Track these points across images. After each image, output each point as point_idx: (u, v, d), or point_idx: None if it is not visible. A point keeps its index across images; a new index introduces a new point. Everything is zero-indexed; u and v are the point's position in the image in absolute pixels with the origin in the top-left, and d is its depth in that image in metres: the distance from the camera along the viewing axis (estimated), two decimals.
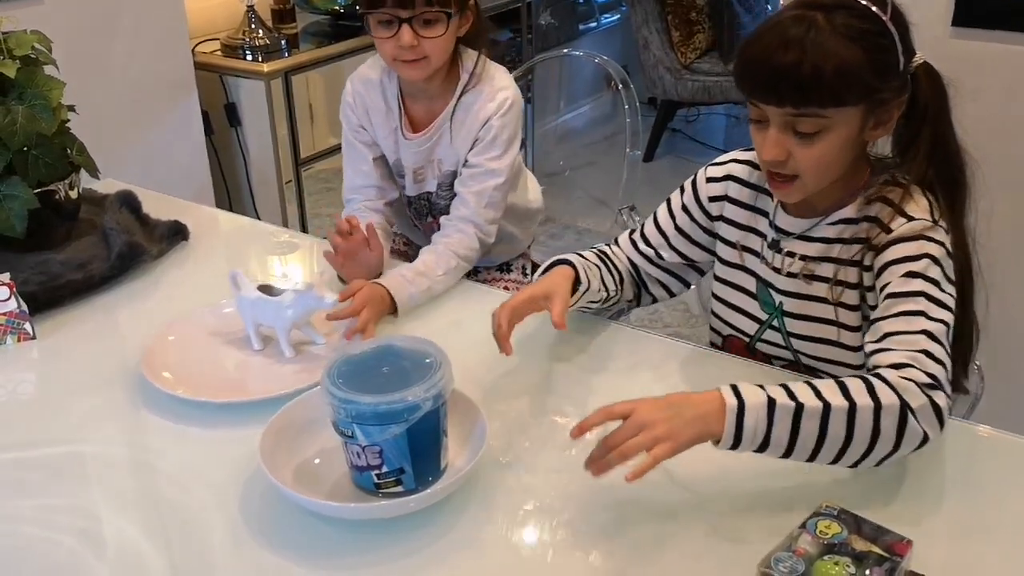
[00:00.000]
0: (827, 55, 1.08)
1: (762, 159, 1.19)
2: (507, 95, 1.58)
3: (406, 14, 1.46)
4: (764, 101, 1.13)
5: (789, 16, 1.11)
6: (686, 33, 4.35)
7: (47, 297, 1.50)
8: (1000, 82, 1.92)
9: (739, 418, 1.00)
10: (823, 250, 1.24)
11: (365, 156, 1.67)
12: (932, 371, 1.04)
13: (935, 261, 1.13)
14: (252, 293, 1.34)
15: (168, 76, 2.59)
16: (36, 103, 1.52)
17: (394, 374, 1.05)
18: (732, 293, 1.37)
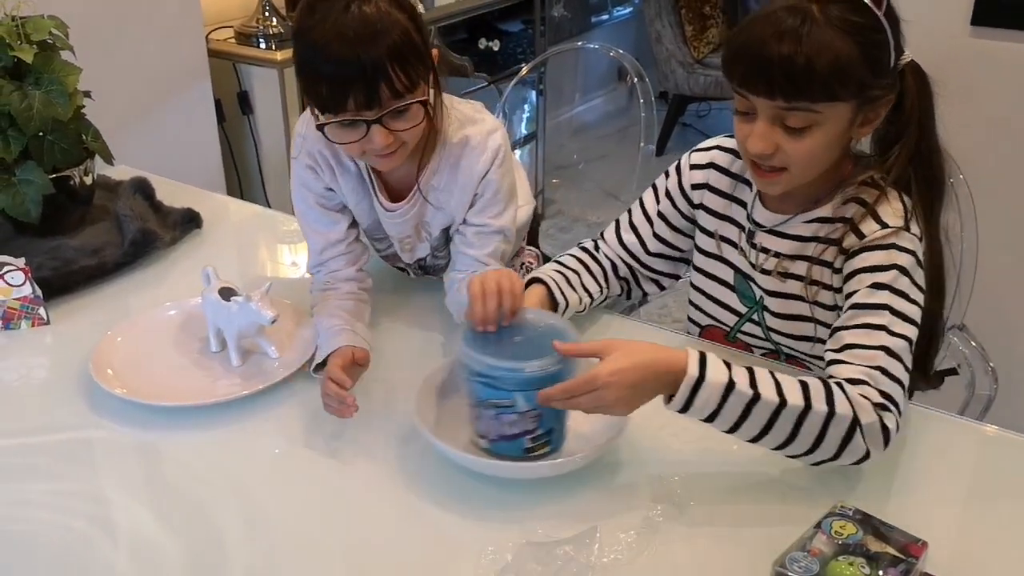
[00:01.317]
0: (822, 48, 1.06)
1: (747, 151, 1.16)
2: (497, 141, 1.33)
3: (373, 115, 1.18)
4: (754, 92, 1.11)
5: (783, 6, 1.09)
6: (699, 27, 4.34)
7: (61, 283, 1.51)
8: (1020, 81, 1.91)
9: (693, 391, 1.02)
10: (797, 248, 1.23)
11: (336, 221, 1.38)
12: (886, 389, 1.05)
13: (903, 272, 1.12)
14: (213, 294, 1.30)
15: (182, 64, 2.58)
16: (52, 88, 1.52)
17: (526, 343, 1.10)
18: (710, 284, 1.36)
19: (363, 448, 1.18)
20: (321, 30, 1.14)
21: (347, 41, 1.13)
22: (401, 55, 1.15)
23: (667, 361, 1.03)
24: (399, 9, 1.17)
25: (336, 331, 1.26)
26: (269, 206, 2.88)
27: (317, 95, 1.18)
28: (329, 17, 1.14)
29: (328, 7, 1.15)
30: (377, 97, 1.16)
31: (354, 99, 1.15)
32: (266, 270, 1.74)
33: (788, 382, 1.04)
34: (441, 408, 1.19)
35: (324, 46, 1.13)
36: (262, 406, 1.24)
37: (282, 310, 1.33)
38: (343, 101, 1.15)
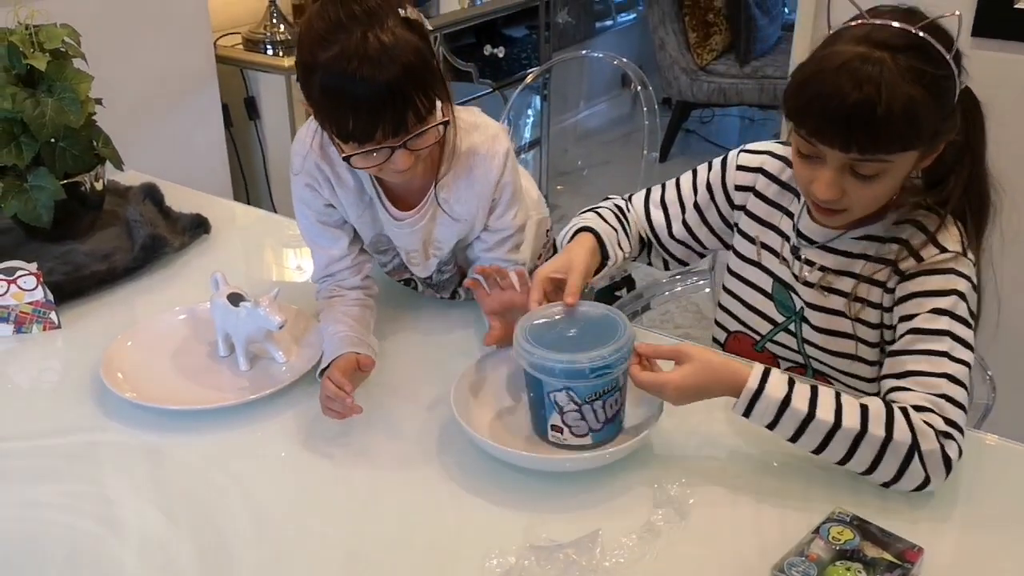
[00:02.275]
0: (899, 102, 1.03)
1: (813, 195, 1.15)
2: (504, 144, 1.33)
3: (398, 141, 1.18)
4: (827, 144, 1.08)
5: (856, 54, 1.05)
6: (703, 35, 4.36)
7: (72, 287, 1.53)
8: (1020, 90, 1.92)
9: (751, 402, 1.08)
10: (844, 263, 1.23)
11: (338, 238, 1.39)
12: (951, 416, 1.07)
13: (962, 297, 1.13)
14: (222, 299, 1.32)
15: (190, 69, 2.61)
16: (65, 96, 1.55)
17: (587, 331, 1.13)
18: (746, 290, 1.36)
19: (368, 452, 1.20)
20: (342, 63, 1.11)
21: (372, 74, 1.11)
22: (421, 79, 1.15)
23: (734, 374, 1.09)
24: (410, 31, 1.16)
25: (341, 337, 1.28)
26: (275, 210, 2.90)
27: (343, 127, 1.16)
28: (349, 50, 1.11)
29: (346, 38, 1.12)
30: (404, 125, 1.16)
31: (383, 130, 1.15)
32: (273, 275, 1.76)
33: (850, 405, 1.07)
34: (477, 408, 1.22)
35: (349, 81, 1.11)
36: (269, 410, 1.26)
37: (290, 315, 1.36)
38: (372, 133, 1.15)
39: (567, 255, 1.25)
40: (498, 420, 1.21)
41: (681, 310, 3.35)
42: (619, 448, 1.12)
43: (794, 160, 1.17)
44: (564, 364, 1.08)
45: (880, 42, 1.06)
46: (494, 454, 1.14)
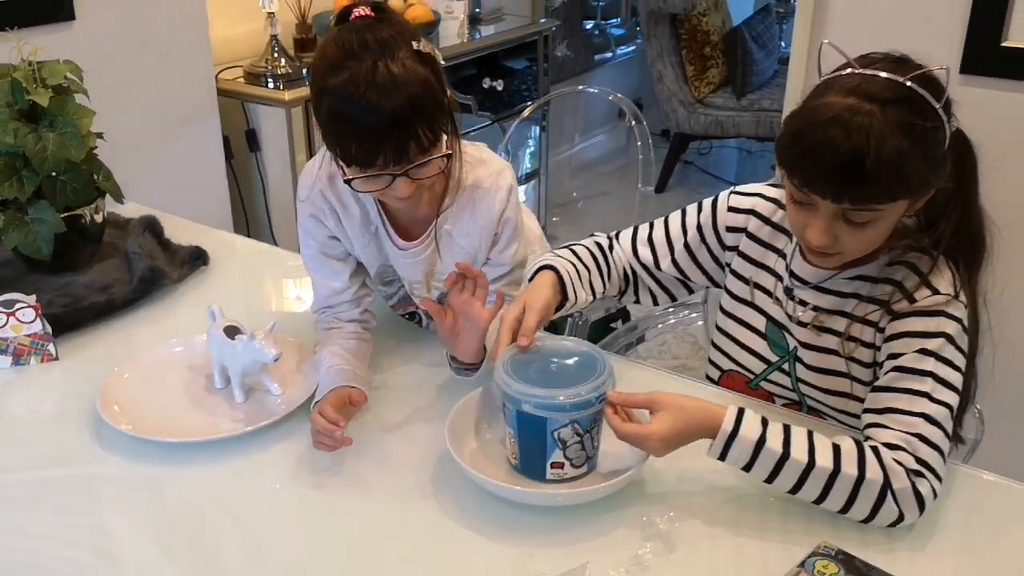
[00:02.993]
0: (888, 155, 1.04)
1: (806, 240, 1.16)
2: (508, 179, 1.36)
3: (400, 169, 1.20)
4: (818, 195, 1.10)
5: (846, 106, 1.06)
6: (700, 68, 4.40)
7: (71, 319, 1.55)
8: (1008, 130, 1.95)
9: (727, 444, 1.10)
10: (836, 303, 1.24)
11: (339, 272, 1.41)
12: (923, 456, 1.08)
13: (950, 340, 1.13)
14: (219, 332, 1.33)
15: (191, 102, 2.64)
16: (67, 131, 1.57)
17: (562, 369, 1.16)
18: (740, 330, 1.37)
19: (362, 484, 1.21)
20: (351, 90, 1.14)
21: (378, 102, 1.13)
22: (427, 110, 1.17)
23: (710, 416, 1.11)
24: (421, 63, 1.18)
25: (336, 371, 1.29)
26: (275, 240, 2.92)
27: (346, 151, 1.19)
28: (358, 76, 1.14)
29: (356, 65, 1.15)
30: (406, 154, 1.18)
31: (384, 157, 1.18)
32: (271, 306, 1.77)
33: (822, 444, 1.09)
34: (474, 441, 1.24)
35: (355, 106, 1.14)
36: (264, 442, 1.27)
37: (285, 348, 1.37)
38: (374, 159, 1.18)
39: (527, 295, 1.25)
40: (491, 454, 1.22)
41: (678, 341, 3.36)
42: (611, 483, 1.13)
43: (787, 206, 1.18)
44: (573, 399, 1.10)
45: (870, 94, 1.06)
46: (487, 488, 1.15)
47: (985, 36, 1.93)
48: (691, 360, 3.09)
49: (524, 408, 1.11)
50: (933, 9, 1.99)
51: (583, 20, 4.85)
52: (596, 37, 4.96)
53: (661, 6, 4.24)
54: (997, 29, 1.92)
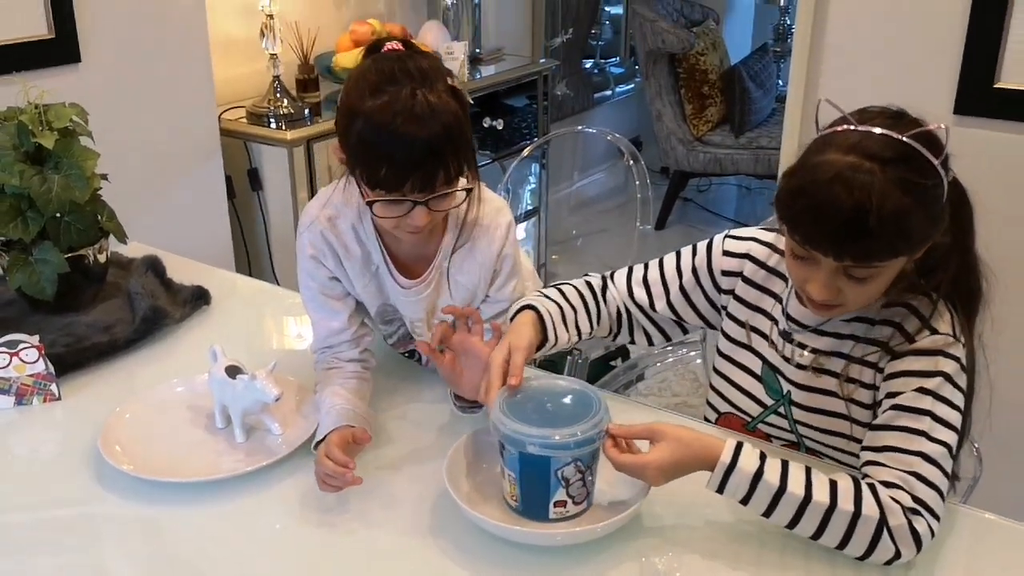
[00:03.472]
0: (890, 213, 1.04)
1: (807, 294, 1.17)
2: (507, 217, 1.39)
3: (423, 197, 1.23)
4: (821, 252, 1.10)
5: (847, 164, 1.06)
6: (698, 106, 4.45)
7: (73, 359, 1.55)
8: (1000, 170, 1.97)
9: (725, 476, 1.10)
10: (834, 344, 1.25)
11: (339, 312, 1.41)
12: (920, 495, 1.08)
13: (948, 379, 1.14)
14: (220, 372, 1.34)
15: (195, 142, 2.67)
16: (71, 172, 1.59)
17: (558, 408, 1.17)
18: (736, 372, 1.37)
19: (363, 525, 1.21)
20: (389, 113, 1.16)
21: (414, 129, 1.16)
22: (456, 144, 1.20)
23: (708, 448, 1.12)
24: (455, 98, 1.21)
25: (337, 410, 1.30)
26: (277, 279, 2.94)
27: (375, 173, 1.20)
28: (398, 101, 1.17)
29: (395, 91, 1.17)
30: (432, 182, 1.21)
31: (413, 182, 1.20)
32: (273, 345, 1.78)
33: (819, 479, 1.10)
34: (476, 472, 1.24)
35: (391, 130, 1.16)
36: (265, 482, 1.28)
37: (286, 387, 1.38)
38: (402, 183, 1.20)
39: (510, 336, 1.25)
40: (487, 493, 1.22)
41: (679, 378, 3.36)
42: (610, 522, 1.13)
43: (788, 259, 1.18)
44: (576, 437, 1.11)
45: (870, 153, 1.06)
46: (488, 529, 1.15)
47: (978, 78, 1.97)
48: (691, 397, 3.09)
49: (528, 449, 1.11)
50: (927, 50, 2.03)
51: (582, 59, 4.91)
52: (596, 76, 5.02)
53: (659, 46, 4.30)
54: (990, 71, 1.95)
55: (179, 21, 2.53)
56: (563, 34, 4.47)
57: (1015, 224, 1.95)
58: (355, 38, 3.05)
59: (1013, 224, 1.95)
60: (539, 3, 4.17)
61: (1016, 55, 1.93)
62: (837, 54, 2.18)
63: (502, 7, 4.00)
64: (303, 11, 3.12)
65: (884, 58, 2.10)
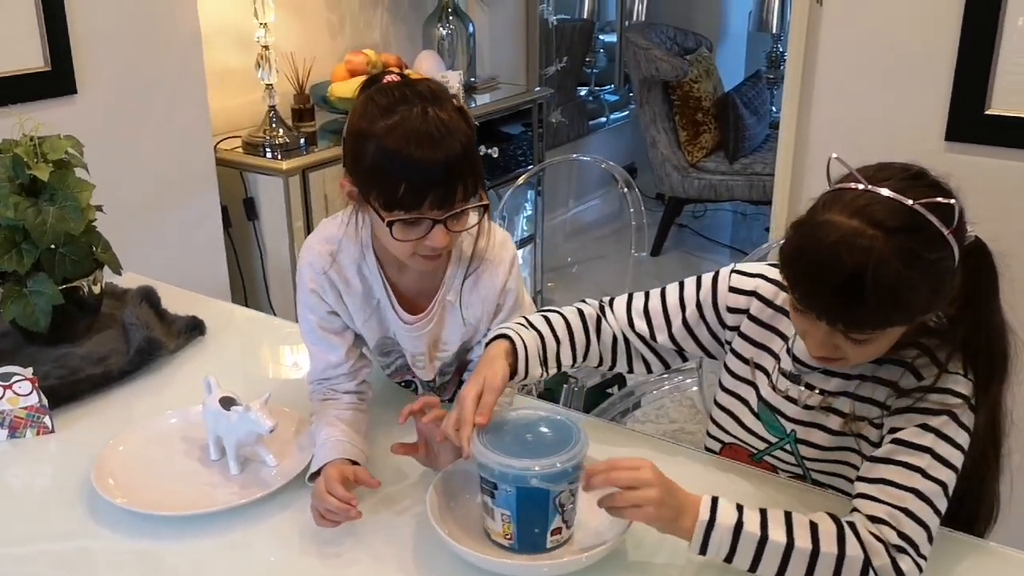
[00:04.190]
0: (887, 286, 1.01)
1: (807, 346, 1.16)
2: (511, 251, 1.39)
3: (442, 215, 1.22)
4: (815, 315, 1.09)
5: (848, 229, 1.03)
6: (693, 133, 4.47)
7: (67, 391, 1.55)
8: (991, 196, 1.98)
9: (706, 534, 1.08)
10: (842, 385, 1.23)
11: (337, 346, 1.40)
12: (907, 532, 1.07)
13: (954, 418, 1.11)
14: (214, 403, 1.33)
15: (190, 172, 2.68)
16: (66, 204, 1.59)
17: (538, 438, 1.16)
18: (739, 407, 1.35)
19: (359, 556, 1.20)
20: (402, 132, 1.17)
21: (431, 146, 1.17)
22: (470, 160, 1.21)
23: (687, 498, 1.10)
24: (463, 119, 1.23)
25: (332, 443, 1.29)
26: (273, 309, 2.94)
27: (392, 193, 1.19)
28: (409, 120, 1.17)
29: (407, 110, 1.18)
30: (452, 198, 1.20)
31: (432, 199, 1.19)
32: (269, 374, 1.78)
33: (800, 523, 1.08)
34: (454, 512, 1.22)
35: (408, 147, 1.16)
36: (260, 514, 1.27)
37: (281, 419, 1.37)
38: (421, 201, 1.19)
39: (485, 370, 1.21)
40: (470, 526, 1.20)
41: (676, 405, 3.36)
42: (595, 551, 1.12)
43: (791, 312, 1.16)
44: (575, 460, 1.10)
45: (875, 220, 1.02)
46: (470, 560, 1.13)
47: (969, 104, 1.98)
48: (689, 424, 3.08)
49: (531, 483, 1.09)
50: (918, 77, 2.04)
51: (577, 87, 4.94)
52: (590, 103, 5.05)
53: (654, 73, 4.33)
54: (980, 97, 1.97)
55: (175, 52, 2.54)
56: (558, 62, 4.51)
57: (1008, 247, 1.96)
58: (351, 68, 3.07)
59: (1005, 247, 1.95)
60: (533, 32, 4.20)
61: (1006, 82, 1.95)
62: (829, 81, 2.19)
63: (497, 36, 4.03)
64: (299, 41, 3.14)
65: (876, 85, 2.12)
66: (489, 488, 1.13)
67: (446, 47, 3.52)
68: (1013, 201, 1.98)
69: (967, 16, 1.94)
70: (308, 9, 3.26)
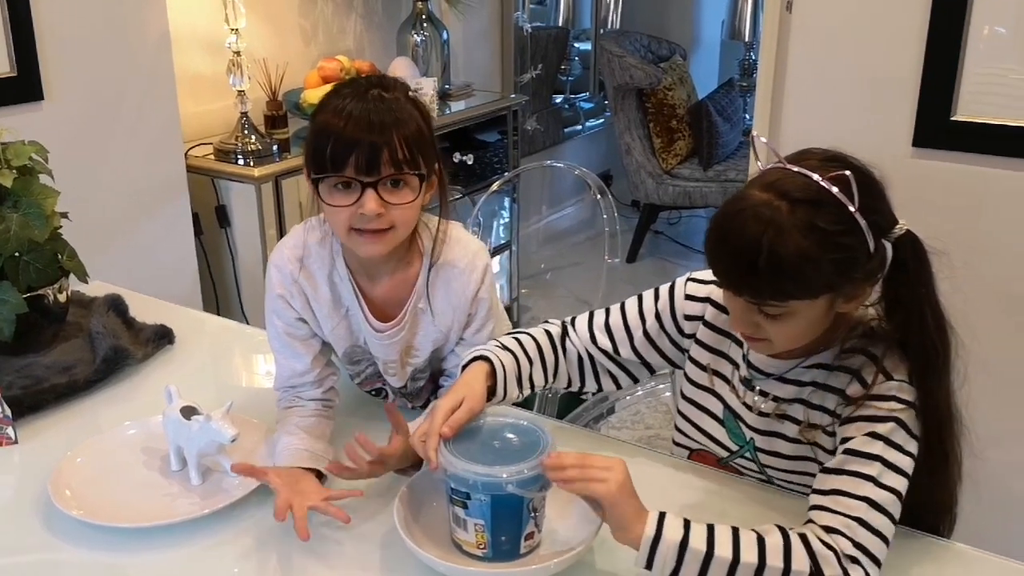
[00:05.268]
0: (783, 255, 1.05)
1: (732, 326, 1.19)
2: (484, 260, 1.39)
3: (371, 179, 1.23)
4: (725, 286, 1.14)
5: (755, 201, 1.07)
6: (667, 140, 4.49)
7: (31, 401, 1.52)
8: (957, 199, 2.01)
9: (652, 550, 1.06)
10: (796, 392, 1.24)
11: (302, 354, 1.40)
12: (861, 541, 1.07)
13: (901, 424, 1.13)
14: (175, 413, 1.32)
15: (161, 179, 2.65)
16: (30, 211, 1.57)
17: (506, 444, 1.16)
18: (699, 415, 1.36)
19: (323, 567, 1.19)
20: (339, 106, 1.23)
21: (362, 113, 1.22)
22: (407, 134, 1.23)
23: (638, 509, 1.08)
24: (414, 106, 1.27)
25: (291, 451, 1.29)
26: (245, 317, 2.91)
27: (321, 153, 1.22)
28: (351, 94, 1.24)
29: (353, 89, 1.25)
30: (377, 162, 1.22)
31: (356, 160, 1.21)
32: (239, 384, 1.76)
33: (748, 539, 1.07)
34: (421, 521, 1.21)
35: (340, 114, 1.22)
36: (222, 525, 1.25)
37: (244, 427, 1.35)
38: (345, 160, 1.21)
39: (465, 390, 1.21)
40: (434, 537, 1.19)
41: (651, 410, 3.36)
42: (564, 558, 1.11)
43: (723, 293, 1.20)
44: (540, 466, 1.10)
45: (783, 191, 1.07)
46: (439, 570, 1.12)
47: (935, 111, 2.00)
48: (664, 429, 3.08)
49: (507, 490, 1.08)
50: (885, 84, 2.06)
51: (552, 95, 4.95)
52: (565, 111, 5.06)
53: (628, 81, 4.34)
54: (947, 104, 1.99)
55: (145, 58, 2.52)
56: (533, 70, 4.51)
57: (972, 252, 1.98)
58: (324, 74, 3.05)
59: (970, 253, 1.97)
60: (508, 39, 4.21)
61: (971, 89, 1.97)
62: (800, 89, 2.21)
63: (471, 44, 4.04)
64: (271, 47, 3.13)
65: (845, 93, 2.13)
66: (461, 499, 1.11)
67: (420, 54, 3.51)
68: (979, 205, 2.00)
69: (933, 24, 1.96)
70: (280, 15, 3.25)
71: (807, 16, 2.14)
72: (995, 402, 1.70)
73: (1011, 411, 2.08)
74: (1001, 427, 1.82)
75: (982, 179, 1.98)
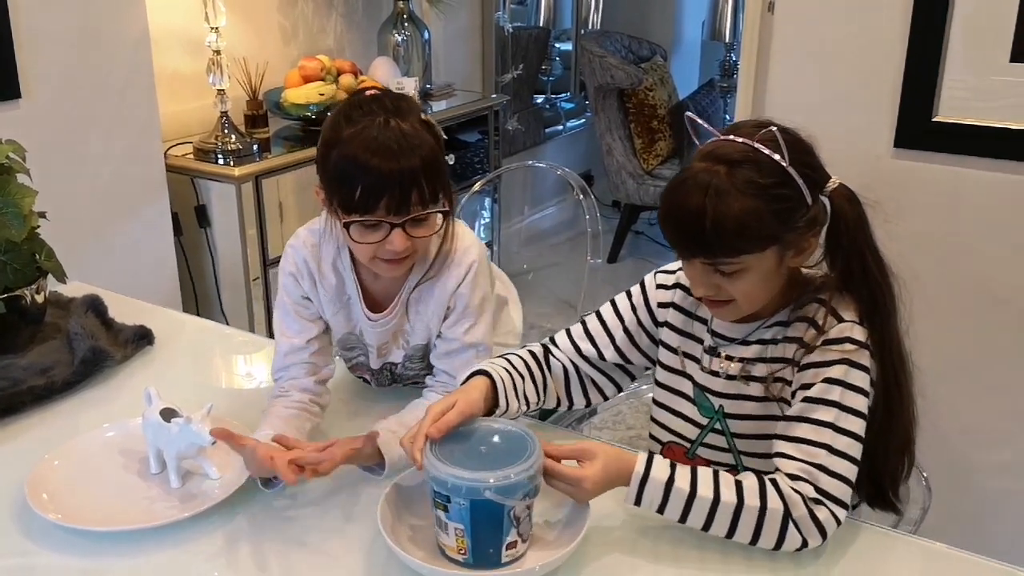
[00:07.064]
0: (727, 214, 1.13)
1: (694, 293, 1.26)
2: (472, 256, 1.41)
3: (399, 220, 1.27)
4: (679, 251, 1.22)
5: (696, 171, 1.16)
6: (648, 141, 4.50)
7: (8, 403, 1.50)
8: (938, 200, 2.02)
9: (641, 486, 1.16)
10: (759, 351, 1.29)
11: (303, 331, 1.44)
12: (824, 486, 1.15)
13: (853, 364, 1.19)
14: (154, 415, 1.31)
15: (140, 178, 2.63)
16: (7, 211, 1.55)
17: (492, 449, 1.15)
18: (672, 398, 1.39)
19: (306, 568, 1.18)
20: (362, 140, 1.24)
21: (388, 153, 1.23)
22: (430, 169, 1.26)
23: (627, 462, 1.17)
24: (428, 131, 1.29)
25: (264, 439, 1.28)
26: (225, 317, 2.89)
27: (349, 196, 1.25)
28: (371, 129, 1.25)
29: (369, 120, 1.26)
30: (407, 203, 1.26)
31: (386, 204, 1.25)
32: (219, 385, 1.75)
33: (726, 480, 1.16)
34: (404, 523, 1.20)
35: (365, 155, 1.23)
36: (202, 528, 1.24)
37: None
38: (375, 205, 1.25)
39: (459, 395, 1.23)
40: (418, 541, 1.18)
41: (632, 411, 3.36)
42: (548, 563, 1.10)
43: (682, 263, 1.27)
44: (531, 471, 1.10)
45: (719, 156, 1.16)
46: (422, 572, 1.12)
47: (916, 112, 2.02)
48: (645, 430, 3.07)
49: (485, 496, 1.08)
50: (867, 86, 2.07)
51: (533, 95, 4.95)
52: (547, 111, 5.06)
53: (609, 81, 4.35)
54: (928, 105, 2.00)
55: (124, 56, 2.50)
56: (514, 70, 4.51)
57: (952, 249, 1.99)
58: (304, 74, 3.04)
59: (950, 252, 1.99)
60: (489, 39, 4.21)
61: (952, 90, 1.99)
62: (780, 89, 2.22)
63: (452, 43, 4.03)
64: (251, 46, 3.11)
65: (826, 94, 2.14)
66: (442, 502, 1.11)
67: (401, 54, 3.50)
68: (960, 205, 2.02)
69: (914, 25, 1.98)
70: (260, 14, 3.23)
71: (789, 17, 2.15)
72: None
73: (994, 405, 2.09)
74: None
75: (963, 179, 2.00)
